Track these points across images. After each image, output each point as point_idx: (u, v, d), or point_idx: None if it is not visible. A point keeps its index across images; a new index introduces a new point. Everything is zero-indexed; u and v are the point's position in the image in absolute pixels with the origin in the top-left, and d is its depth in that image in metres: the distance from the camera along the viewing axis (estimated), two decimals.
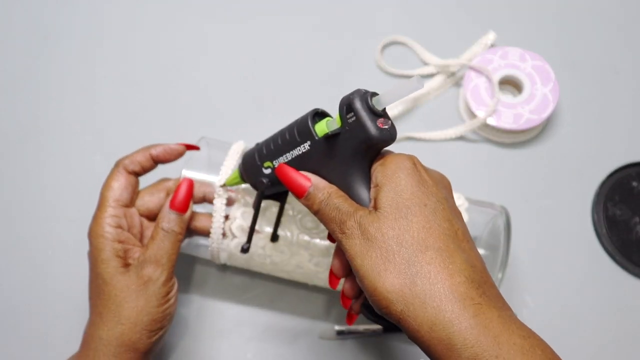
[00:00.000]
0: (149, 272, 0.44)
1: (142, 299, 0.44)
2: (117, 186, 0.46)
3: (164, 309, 0.45)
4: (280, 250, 0.47)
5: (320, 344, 0.52)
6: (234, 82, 0.63)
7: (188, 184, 0.46)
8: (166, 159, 0.47)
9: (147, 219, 0.48)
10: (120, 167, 0.46)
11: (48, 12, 0.67)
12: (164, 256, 0.45)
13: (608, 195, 0.58)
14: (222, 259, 0.49)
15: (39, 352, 0.52)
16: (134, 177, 0.47)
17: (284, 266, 0.48)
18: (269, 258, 0.47)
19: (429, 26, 0.66)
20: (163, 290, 0.44)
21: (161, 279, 0.44)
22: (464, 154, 0.60)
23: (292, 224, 0.46)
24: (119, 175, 0.46)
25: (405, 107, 0.61)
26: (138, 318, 0.43)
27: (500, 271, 0.45)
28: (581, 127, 0.61)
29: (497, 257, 0.46)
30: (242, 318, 0.53)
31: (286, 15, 0.67)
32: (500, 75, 0.61)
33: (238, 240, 0.47)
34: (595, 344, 0.53)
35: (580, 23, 0.66)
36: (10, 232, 0.57)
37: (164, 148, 0.47)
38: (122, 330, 0.43)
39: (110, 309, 0.44)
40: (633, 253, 0.56)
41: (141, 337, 0.44)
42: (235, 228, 0.47)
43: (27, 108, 0.62)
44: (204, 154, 0.49)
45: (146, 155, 0.47)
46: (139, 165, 0.47)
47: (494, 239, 0.47)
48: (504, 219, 0.47)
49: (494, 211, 0.49)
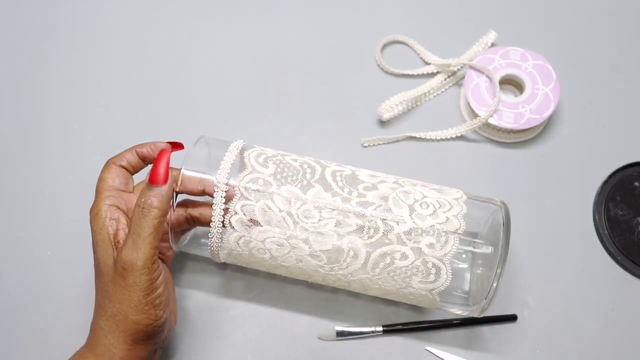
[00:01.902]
0: (126, 256, 0.41)
1: (123, 290, 0.42)
2: (109, 176, 0.46)
3: (152, 298, 0.42)
4: (279, 244, 0.47)
5: (320, 344, 0.52)
6: (234, 82, 0.63)
7: (166, 154, 0.44)
8: (151, 156, 0.48)
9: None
10: (110, 162, 0.47)
11: (49, 12, 0.67)
12: (141, 236, 0.42)
13: (610, 195, 0.58)
14: (221, 257, 0.49)
15: (39, 352, 0.52)
16: (125, 170, 0.47)
17: (283, 261, 0.48)
18: (268, 253, 0.47)
19: (429, 25, 0.66)
20: (144, 278, 0.42)
21: (138, 264, 0.41)
22: (464, 154, 0.60)
23: (290, 217, 0.46)
24: (108, 167, 0.47)
25: (405, 107, 0.61)
26: (126, 310, 0.42)
27: (499, 267, 0.45)
28: (582, 126, 0.61)
29: (496, 252, 0.46)
30: (242, 319, 0.53)
31: (286, 16, 0.66)
32: (501, 74, 0.60)
33: (237, 233, 0.47)
34: (596, 344, 0.53)
35: (581, 22, 0.66)
36: (10, 232, 0.57)
37: (149, 146, 0.48)
38: (117, 321, 0.43)
39: (104, 298, 0.43)
40: (635, 253, 0.56)
41: (137, 329, 0.43)
42: (235, 221, 0.46)
43: (27, 108, 0.62)
44: (203, 152, 0.49)
45: (132, 152, 0.48)
46: (126, 161, 0.47)
47: (494, 234, 0.47)
48: (503, 213, 0.47)
49: (493, 206, 0.49)
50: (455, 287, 0.47)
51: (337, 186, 0.47)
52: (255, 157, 0.48)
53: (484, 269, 0.48)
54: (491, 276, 0.45)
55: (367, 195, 0.47)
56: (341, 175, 0.48)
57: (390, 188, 0.47)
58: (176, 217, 0.48)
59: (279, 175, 0.47)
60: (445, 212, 0.46)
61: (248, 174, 0.47)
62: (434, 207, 0.47)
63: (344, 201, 0.46)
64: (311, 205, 0.46)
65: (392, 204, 0.46)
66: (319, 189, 0.47)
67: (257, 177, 0.47)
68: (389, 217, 0.46)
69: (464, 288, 0.48)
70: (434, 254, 0.45)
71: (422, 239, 0.45)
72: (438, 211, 0.46)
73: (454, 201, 0.47)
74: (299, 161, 0.49)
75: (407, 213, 0.46)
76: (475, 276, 0.48)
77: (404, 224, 0.45)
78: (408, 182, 0.49)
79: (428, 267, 0.45)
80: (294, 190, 0.46)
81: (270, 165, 0.48)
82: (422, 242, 0.45)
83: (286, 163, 0.48)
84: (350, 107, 0.62)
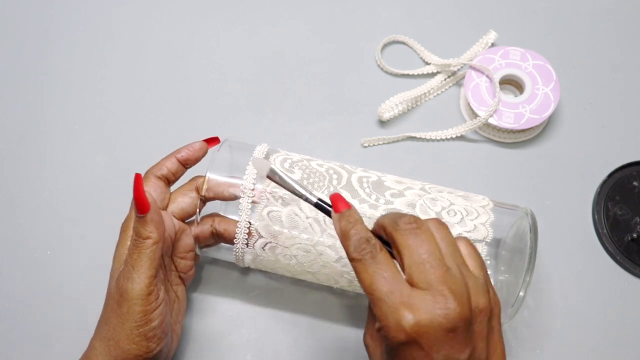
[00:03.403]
0: (121, 284, 0.41)
1: (118, 317, 0.41)
2: (145, 190, 0.45)
3: (145, 330, 0.41)
4: (306, 250, 0.46)
5: (320, 345, 0.52)
6: (234, 82, 0.63)
7: (135, 180, 0.41)
8: (192, 157, 0.47)
9: (182, 220, 0.48)
10: (149, 174, 0.46)
11: (49, 12, 0.67)
12: (135, 267, 0.41)
13: (609, 195, 0.58)
14: (246, 262, 0.49)
15: (39, 352, 0.52)
16: (163, 182, 0.47)
17: (309, 266, 0.47)
18: (294, 259, 0.47)
19: (429, 25, 0.66)
20: (138, 309, 0.40)
21: (132, 294, 0.40)
22: (464, 154, 0.60)
23: (317, 224, 0.46)
24: (146, 180, 0.46)
25: (405, 107, 0.61)
26: (118, 337, 0.41)
27: (527, 274, 0.45)
28: (582, 126, 0.61)
29: (523, 260, 0.45)
30: (241, 319, 0.53)
31: (287, 16, 0.66)
32: (501, 74, 0.60)
33: (264, 240, 0.46)
34: (595, 343, 0.53)
35: (581, 22, 0.66)
36: (11, 232, 0.57)
37: (187, 148, 0.47)
38: (109, 345, 0.42)
39: (103, 319, 0.43)
40: (634, 253, 0.56)
41: (126, 358, 0.41)
42: (262, 228, 0.46)
43: (27, 108, 0.62)
44: (227, 156, 0.48)
45: (172, 159, 0.47)
46: (166, 169, 0.46)
47: (519, 241, 0.47)
48: (530, 221, 0.47)
49: (518, 213, 0.48)
50: None
51: (365, 193, 0.47)
52: (281, 162, 0.48)
53: (509, 275, 0.47)
54: (517, 283, 0.45)
55: (394, 202, 0.46)
56: (368, 182, 0.47)
57: (417, 195, 0.47)
58: (201, 230, 0.47)
59: (305, 181, 0.46)
60: (473, 220, 0.46)
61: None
62: (461, 215, 0.46)
63: (371, 208, 0.46)
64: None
65: (419, 212, 0.46)
66: (346, 195, 0.46)
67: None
68: None
69: None
70: None
71: None
72: (465, 219, 0.46)
73: (481, 209, 0.47)
74: (324, 166, 0.48)
75: None
76: (498, 283, 0.47)
77: None
78: (434, 188, 0.49)
79: None
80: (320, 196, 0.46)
81: (297, 170, 0.47)
82: None
83: (312, 168, 0.48)
84: (350, 107, 0.62)
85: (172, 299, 0.47)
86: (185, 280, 0.49)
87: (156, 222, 0.41)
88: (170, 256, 0.48)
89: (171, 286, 0.48)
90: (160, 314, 0.42)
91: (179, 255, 0.48)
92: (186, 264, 0.48)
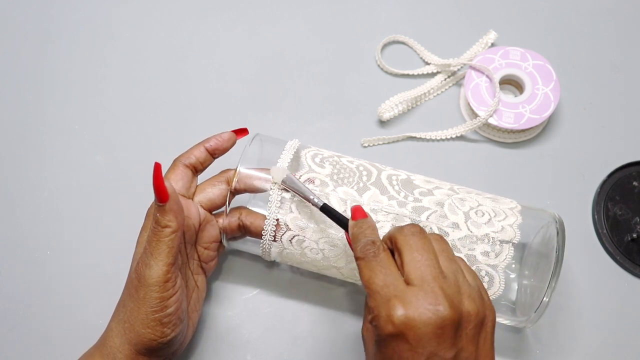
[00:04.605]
0: (139, 270, 0.42)
1: (135, 301, 0.42)
2: (172, 177, 0.46)
3: (161, 316, 0.42)
4: (333, 245, 0.46)
5: (320, 345, 0.52)
6: (235, 82, 0.63)
7: (155, 169, 0.41)
8: (221, 147, 0.48)
9: (209, 211, 0.48)
10: (177, 162, 0.47)
11: (50, 12, 0.67)
12: (153, 254, 0.41)
13: (609, 195, 0.58)
14: (272, 256, 0.49)
15: (39, 352, 0.52)
16: (190, 170, 0.47)
17: (335, 261, 0.47)
18: (321, 252, 0.47)
19: (429, 25, 0.66)
20: (155, 295, 0.41)
21: (150, 280, 0.41)
22: (464, 154, 0.60)
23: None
24: (174, 168, 0.46)
25: (405, 107, 0.61)
26: (133, 320, 0.42)
27: (553, 280, 0.45)
28: (582, 126, 0.61)
29: (549, 265, 0.45)
30: (241, 319, 0.53)
31: (287, 16, 0.66)
32: (501, 74, 0.60)
33: (291, 232, 0.46)
34: (595, 343, 0.53)
35: (581, 22, 0.66)
36: (11, 232, 0.57)
37: (215, 138, 0.48)
38: (125, 328, 0.43)
39: (121, 301, 0.44)
40: (634, 253, 0.56)
41: (140, 341, 0.42)
42: (290, 220, 0.46)
43: (27, 108, 0.62)
44: (256, 149, 0.49)
45: (200, 148, 0.47)
46: (194, 158, 0.47)
47: (545, 246, 0.47)
48: (557, 226, 0.47)
49: (546, 217, 0.48)
50: (502, 297, 0.46)
51: (394, 190, 0.47)
52: (312, 157, 0.48)
53: (533, 279, 0.47)
54: (541, 288, 0.45)
55: (422, 200, 0.47)
56: (397, 179, 0.48)
57: (446, 194, 0.47)
58: (229, 222, 0.48)
59: (336, 176, 0.47)
60: (500, 221, 0.46)
61: (305, 174, 0.47)
62: (489, 216, 0.46)
63: (399, 205, 0.46)
64: (367, 207, 0.46)
65: (447, 210, 0.46)
66: (375, 191, 0.47)
67: (314, 176, 0.47)
68: (444, 224, 0.46)
69: (510, 298, 0.47)
70: (488, 262, 0.45)
71: (477, 247, 0.45)
72: (493, 220, 0.46)
73: (509, 210, 0.47)
74: (354, 163, 0.49)
75: (462, 220, 0.46)
76: (522, 287, 0.47)
77: (459, 231, 0.45)
78: (463, 189, 0.49)
79: (481, 275, 0.45)
80: (350, 191, 0.46)
81: (327, 165, 0.48)
82: (477, 249, 0.45)
83: (342, 164, 0.48)
84: (350, 107, 0.62)
85: (191, 287, 0.48)
86: (206, 270, 0.50)
87: (175, 212, 0.42)
88: (194, 245, 0.48)
89: (192, 274, 0.48)
90: (177, 301, 0.43)
91: (202, 244, 0.48)
92: (209, 254, 0.49)
